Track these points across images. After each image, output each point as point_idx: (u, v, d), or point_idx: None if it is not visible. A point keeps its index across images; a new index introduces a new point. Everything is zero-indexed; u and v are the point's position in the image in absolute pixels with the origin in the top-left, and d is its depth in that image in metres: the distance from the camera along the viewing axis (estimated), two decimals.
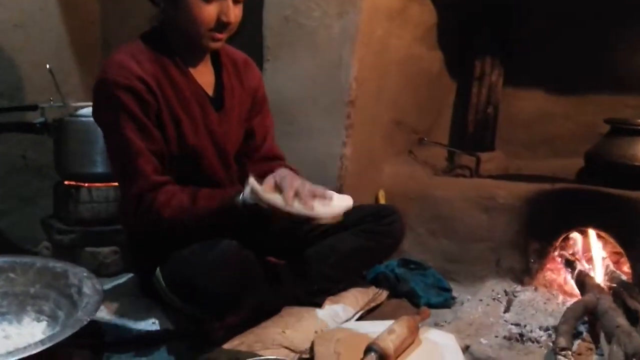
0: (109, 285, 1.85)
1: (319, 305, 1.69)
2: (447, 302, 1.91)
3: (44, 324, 1.56)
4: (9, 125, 2.27)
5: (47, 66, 2.18)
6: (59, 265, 1.61)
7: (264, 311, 1.60)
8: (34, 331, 1.54)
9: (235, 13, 1.43)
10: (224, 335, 1.48)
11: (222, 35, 1.46)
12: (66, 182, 2.20)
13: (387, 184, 2.17)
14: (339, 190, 2.03)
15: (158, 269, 1.50)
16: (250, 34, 2.24)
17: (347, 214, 1.39)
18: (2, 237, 2.43)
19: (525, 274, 1.96)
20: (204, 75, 1.55)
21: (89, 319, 1.35)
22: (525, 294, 1.89)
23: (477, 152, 2.41)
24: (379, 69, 2.12)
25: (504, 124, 2.54)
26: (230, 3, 1.42)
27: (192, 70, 1.52)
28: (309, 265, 1.68)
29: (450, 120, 2.67)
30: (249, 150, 1.66)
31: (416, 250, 2.10)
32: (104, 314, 1.62)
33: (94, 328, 1.54)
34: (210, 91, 1.55)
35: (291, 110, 2.07)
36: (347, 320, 1.70)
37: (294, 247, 1.70)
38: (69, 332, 1.30)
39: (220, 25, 1.42)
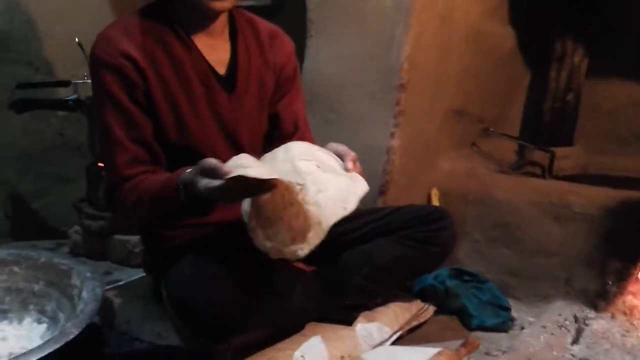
0: (129, 281, 1.78)
1: (350, 322, 1.49)
2: (505, 325, 1.69)
3: (44, 326, 1.51)
4: (40, 102, 2.21)
5: (77, 40, 2.08)
6: (64, 262, 1.57)
7: (285, 329, 1.41)
8: (32, 334, 1.48)
9: None
10: (233, 357, 1.32)
11: None
12: (99, 164, 2.12)
13: (442, 182, 1.99)
14: (385, 188, 1.85)
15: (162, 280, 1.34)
16: (294, 8, 2.08)
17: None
18: (39, 217, 2.43)
19: (600, 298, 1.73)
20: (217, 51, 1.36)
21: (76, 332, 1.25)
22: (599, 323, 1.66)
23: (551, 146, 2.19)
24: (438, 47, 1.92)
25: (586, 115, 2.33)
26: None
27: (201, 45, 1.34)
28: (342, 273, 1.47)
29: (523, 108, 2.45)
30: (277, 140, 1.43)
31: (472, 260, 1.92)
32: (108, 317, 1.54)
33: (94, 335, 1.43)
34: (222, 69, 1.36)
35: (333, 95, 1.90)
36: (381, 343, 1.51)
37: (325, 251, 1.48)
38: (52, 347, 1.20)
39: None
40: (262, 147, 1.44)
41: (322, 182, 1.14)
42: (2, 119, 2.21)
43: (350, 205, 1.15)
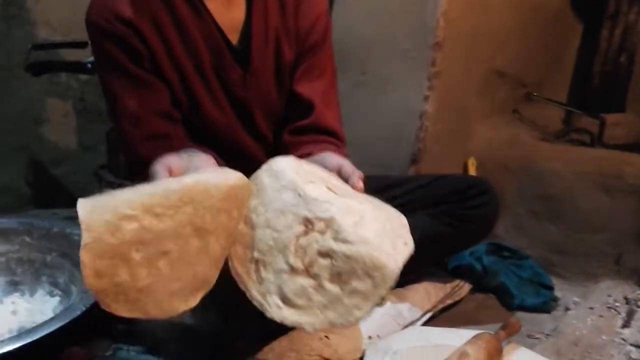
0: None
1: (381, 303, 1.38)
2: (547, 305, 1.58)
3: (56, 299, 1.46)
4: (56, 64, 2.14)
5: None
6: (77, 232, 1.51)
7: None
8: (44, 307, 1.43)
9: None
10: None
11: None
12: None
13: (480, 150, 1.91)
14: (417, 157, 1.74)
15: None
16: None
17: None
18: (58, 185, 2.38)
19: None
20: (230, 13, 1.17)
21: (84, 309, 1.19)
22: None
23: (601, 112, 2.06)
24: (478, 2, 1.80)
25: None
26: None
27: (212, 6, 1.15)
28: None
29: (570, 71, 2.31)
30: (290, 119, 1.26)
31: (512, 234, 1.84)
32: None
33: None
34: (234, 37, 1.18)
35: (364, 55, 1.80)
36: (412, 323, 1.41)
37: None
38: (59, 323, 1.15)
39: None
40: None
41: (353, 211, 0.87)
42: (20, 81, 2.14)
43: (409, 240, 0.90)
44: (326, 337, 1.26)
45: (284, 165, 0.91)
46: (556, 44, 2.24)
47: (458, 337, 1.24)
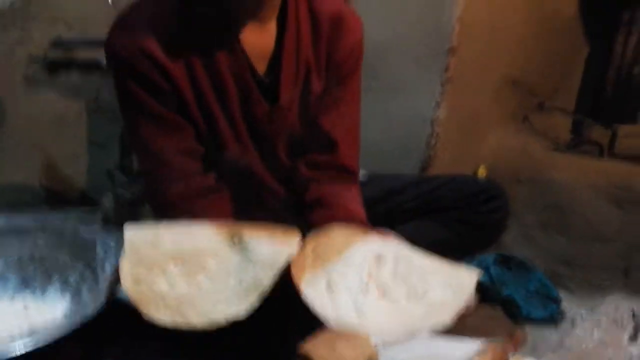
0: None
1: None
2: (553, 318, 1.57)
3: (67, 298, 1.45)
4: (74, 62, 2.17)
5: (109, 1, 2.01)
6: (88, 232, 1.49)
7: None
8: (55, 306, 1.43)
9: None
10: None
11: None
12: None
13: (491, 158, 1.90)
14: (427, 164, 1.74)
15: None
16: None
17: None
18: (72, 184, 2.40)
19: None
20: (260, 39, 1.08)
21: (94, 307, 1.19)
22: None
23: (613, 123, 2.06)
24: (493, 9, 1.79)
25: None
26: None
27: (245, 29, 1.06)
28: None
29: (582, 80, 2.30)
30: (309, 149, 1.21)
31: (521, 245, 1.81)
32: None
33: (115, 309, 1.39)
34: (262, 65, 1.10)
35: (376, 61, 1.74)
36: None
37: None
38: (69, 324, 1.16)
39: None
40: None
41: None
42: (37, 82, 2.16)
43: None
44: (332, 347, 1.27)
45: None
46: (569, 53, 2.23)
47: (464, 347, 1.25)
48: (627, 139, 2.06)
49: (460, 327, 1.50)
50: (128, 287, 0.84)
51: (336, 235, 1.00)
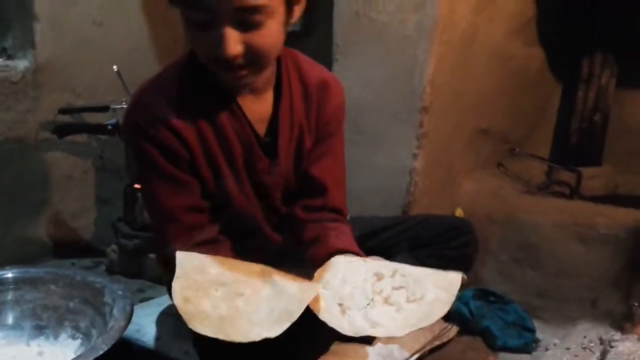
0: (161, 299, 1.81)
1: (370, 341, 1.48)
2: (528, 346, 1.68)
3: (78, 342, 1.54)
4: (81, 126, 2.30)
5: (115, 68, 2.17)
6: (98, 281, 1.59)
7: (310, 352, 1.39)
8: (67, 350, 1.52)
9: (237, 42, 1.03)
10: None
11: (235, 74, 1.09)
12: (135, 185, 2.18)
13: (467, 201, 1.96)
14: (407, 209, 1.84)
15: None
16: (323, 32, 2.11)
17: None
18: (78, 236, 2.49)
19: (626, 320, 1.69)
20: (258, 106, 1.22)
21: (106, 348, 1.28)
22: (624, 345, 1.60)
23: (579, 166, 2.15)
24: (461, 69, 1.89)
25: (615, 134, 2.27)
26: (229, 30, 1.02)
27: (243, 101, 1.20)
28: None
29: (551, 129, 2.41)
30: (303, 195, 1.34)
31: (497, 280, 1.89)
32: (139, 334, 1.57)
33: (124, 351, 1.48)
34: (262, 128, 1.23)
35: (359, 117, 1.88)
36: None
37: None
38: None
39: (219, 60, 1.06)
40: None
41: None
42: (46, 142, 2.29)
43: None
44: None
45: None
46: (536, 104, 2.31)
47: None
48: (593, 181, 2.15)
49: (441, 357, 1.61)
50: (179, 304, 0.98)
51: (339, 263, 1.16)
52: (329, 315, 1.05)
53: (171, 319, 1.62)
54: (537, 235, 1.85)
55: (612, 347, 1.60)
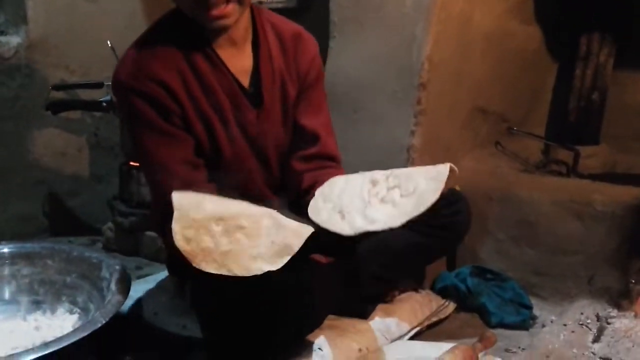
0: (158, 275, 1.82)
1: (365, 316, 1.50)
2: (525, 323, 1.68)
3: (75, 316, 1.56)
4: (75, 103, 2.28)
5: (109, 43, 2.14)
6: (94, 256, 1.61)
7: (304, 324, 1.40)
8: (64, 324, 1.53)
9: None
10: None
11: (219, 11, 1.16)
12: (130, 163, 2.17)
13: (465, 180, 1.87)
14: None
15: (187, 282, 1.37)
16: (319, 8, 2.09)
17: None
18: (73, 214, 2.49)
19: (623, 297, 1.67)
20: (239, 60, 1.28)
21: (104, 322, 1.29)
22: (621, 322, 1.59)
23: (577, 145, 2.12)
24: (459, 47, 1.87)
25: (613, 113, 2.24)
26: None
27: (225, 55, 1.26)
28: (358, 264, 1.45)
29: (548, 107, 2.39)
30: (297, 148, 1.40)
31: (495, 258, 1.87)
32: (137, 309, 1.58)
33: (122, 325, 1.48)
34: (245, 80, 1.30)
35: (356, 95, 1.87)
36: (399, 338, 1.52)
37: (343, 243, 1.47)
38: (81, 334, 1.25)
39: None
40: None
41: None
42: (41, 119, 2.28)
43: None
44: (320, 349, 1.37)
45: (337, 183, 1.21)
46: (534, 83, 2.30)
47: (439, 350, 1.33)
48: (590, 160, 2.14)
49: (439, 332, 1.62)
50: (181, 245, 1.01)
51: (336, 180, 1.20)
52: (330, 223, 1.10)
53: (168, 294, 1.63)
54: (534, 213, 1.83)
55: (609, 323, 1.59)
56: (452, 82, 1.89)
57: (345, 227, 1.10)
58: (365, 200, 1.12)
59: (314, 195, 1.20)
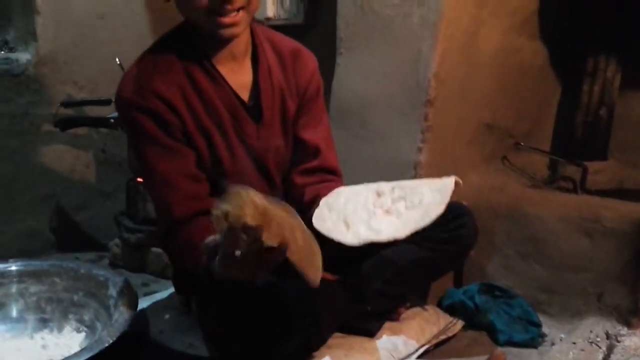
0: (164, 292, 1.82)
1: (372, 333, 1.49)
2: (534, 341, 1.66)
3: (82, 335, 1.56)
4: (83, 120, 2.30)
5: (117, 60, 2.16)
6: (102, 274, 1.62)
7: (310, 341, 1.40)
8: (71, 342, 1.53)
9: None
10: None
11: (230, 19, 1.18)
12: (137, 179, 2.17)
13: (472, 195, 1.89)
14: None
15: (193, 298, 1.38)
16: (326, 25, 2.10)
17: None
18: (81, 230, 2.50)
19: (633, 315, 1.65)
20: (239, 75, 1.31)
21: (111, 341, 1.30)
22: (631, 340, 1.58)
23: (584, 161, 2.09)
24: (465, 64, 1.87)
25: (620, 129, 2.22)
26: None
27: (225, 70, 1.29)
28: (364, 280, 1.44)
29: (555, 123, 2.37)
30: (298, 162, 1.42)
31: (502, 275, 1.86)
32: (143, 327, 1.58)
33: (128, 344, 1.47)
34: (245, 95, 1.32)
35: (363, 111, 1.88)
36: (407, 356, 1.51)
37: (348, 260, 1.41)
38: (87, 354, 1.26)
39: (217, 3, 1.15)
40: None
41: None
42: (49, 135, 2.29)
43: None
44: None
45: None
46: (540, 99, 2.28)
47: None
48: (598, 175, 2.10)
49: (447, 351, 1.60)
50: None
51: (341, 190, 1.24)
52: (335, 233, 1.13)
53: (174, 312, 1.63)
54: (542, 229, 1.81)
55: (618, 341, 1.58)
56: (459, 98, 1.88)
57: (349, 237, 1.11)
58: (370, 211, 1.14)
59: (318, 206, 1.22)
